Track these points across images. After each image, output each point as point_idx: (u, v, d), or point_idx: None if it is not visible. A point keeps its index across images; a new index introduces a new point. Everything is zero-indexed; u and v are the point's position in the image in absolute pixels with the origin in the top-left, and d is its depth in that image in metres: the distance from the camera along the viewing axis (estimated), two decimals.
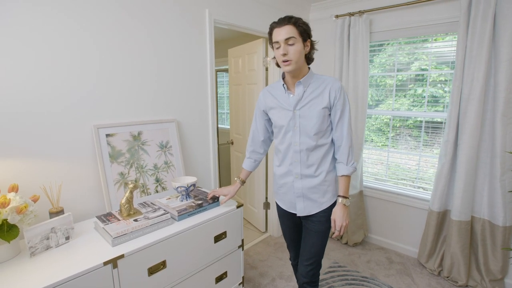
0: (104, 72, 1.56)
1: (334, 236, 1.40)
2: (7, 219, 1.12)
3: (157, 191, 1.73)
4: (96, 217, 1.39)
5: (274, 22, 1.33)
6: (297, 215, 1.48)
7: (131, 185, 1.41)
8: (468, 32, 2.02)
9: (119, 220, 1.36)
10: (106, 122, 1.59)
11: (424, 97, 2.47)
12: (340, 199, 1.38)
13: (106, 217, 1.38)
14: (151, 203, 1.57)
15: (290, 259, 1.77)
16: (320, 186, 1.41)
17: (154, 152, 1.75)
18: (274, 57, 1.40)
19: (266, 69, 2.75)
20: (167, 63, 1.84)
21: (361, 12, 2.49)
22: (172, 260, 1.37)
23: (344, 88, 1.37)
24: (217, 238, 1.58)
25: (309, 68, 1.40)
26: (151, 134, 1.75)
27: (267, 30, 2.42)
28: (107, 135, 1.57)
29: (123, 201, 1.39)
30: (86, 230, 1.39)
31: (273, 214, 2.97)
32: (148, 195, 1.68)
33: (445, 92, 2.39)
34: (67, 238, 1.28)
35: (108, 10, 1.54)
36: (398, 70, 2.59)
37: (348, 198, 1.39)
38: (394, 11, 2.44)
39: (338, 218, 1.37)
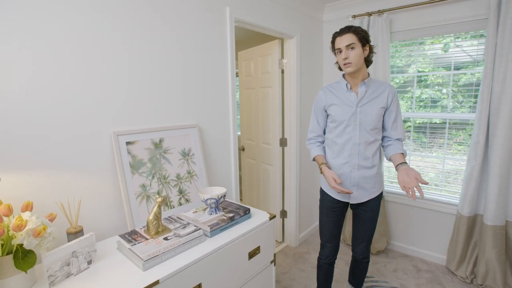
0: (123, 76, 1.41)
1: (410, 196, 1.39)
2: (22, 244, 0.95)
3: (180, 204, 1.57)
4: (120, 236, 1.23)
5: (336, 32, 1.53)
6: (351, 202, 1.64)
7: (159, 199, 1.25)
8: (498, 29, 1.95)
9: (147, 239, 1.20)
10: (125, 128, 1.44)
11: (422, 99, 2.52)
12: (404, 165, 1.49)
13: (131, 236, 1.22)
14: (177, 217, 1.42)
15: (320, 259, 1.79)
16: (373, 177, 1.61)
17: (177, 160, 1.60)
18: (337, 62, 1.62)
19: (282, 72, 2.62)
20: (186, 64, 1.70)
21: (380, 12, 2.41)
22: (208, 282, 1.21)
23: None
24: (251, 254, 1.43)
25: (368, 73, 1.59)
26: (173, 141, 1.60)
27: (284, 30, 2.35)
28: (128, 143, 1.42)
29: (151, 217, 1.23)
30: (108, 251, 1.23)
31: (290, 223, 2.82)
32: (171, 208, 1.53)
33: (443, 94, 2.42)
34: (89, 262, 1.11)
35: (112, 11, 1.40)
36: (394, 72, 2.61)
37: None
38: (415, 10, 2.36)
39: (415, 173, 1.38)
